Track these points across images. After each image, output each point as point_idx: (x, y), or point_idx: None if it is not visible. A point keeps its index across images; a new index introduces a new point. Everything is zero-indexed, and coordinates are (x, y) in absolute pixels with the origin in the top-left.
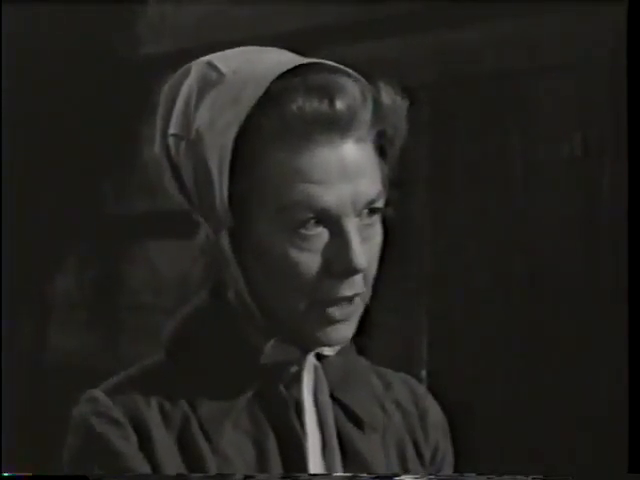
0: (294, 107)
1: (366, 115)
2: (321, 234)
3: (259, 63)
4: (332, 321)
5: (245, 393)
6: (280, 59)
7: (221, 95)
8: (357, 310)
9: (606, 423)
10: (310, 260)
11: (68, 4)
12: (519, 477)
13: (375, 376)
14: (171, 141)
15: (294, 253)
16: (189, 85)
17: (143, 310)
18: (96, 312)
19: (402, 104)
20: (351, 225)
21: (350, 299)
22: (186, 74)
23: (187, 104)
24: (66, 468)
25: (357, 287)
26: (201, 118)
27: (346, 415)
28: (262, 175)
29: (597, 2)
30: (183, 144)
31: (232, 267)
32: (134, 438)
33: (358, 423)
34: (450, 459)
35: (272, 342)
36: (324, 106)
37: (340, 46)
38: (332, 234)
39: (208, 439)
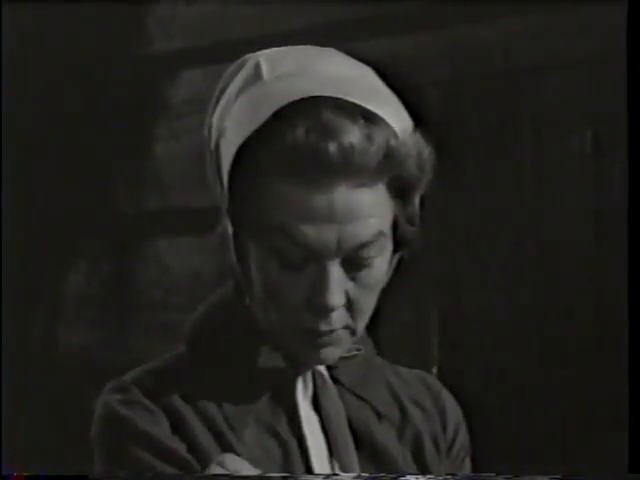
0: (290, 138)
1: (370, 161)
2: (305, 268)
3: (300, 76)
4: (316, 346)
5: (264, 392)
6: (319, 76)
7: (252, 101)
8: (342, 338)
9: (606, 423)
10: (293, 290)
11: (79, 2)
12: (539, 477)
13: (392, 374)
14: (212, 129)
15: (278, 279)
16: (238, 79)
17: (154, 308)
18: (107, 310)
19: (424, 151)
20: (332, 265)
21: (330, 332)
22: (241, 66)
23: (229, 99)
24: (98, 461)
25: (336, 323)
26: (231, 117)
27: (373, 411)
28: (253, 194)
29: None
30: (217, 135)
31: (236, 268)
32: (166, 423)
33: (380, 418)
34: (467, 452)
35: (265, 348)
36: (318, 147)
37: (351, 43)
38: (313, 270)
39: (234, 433)
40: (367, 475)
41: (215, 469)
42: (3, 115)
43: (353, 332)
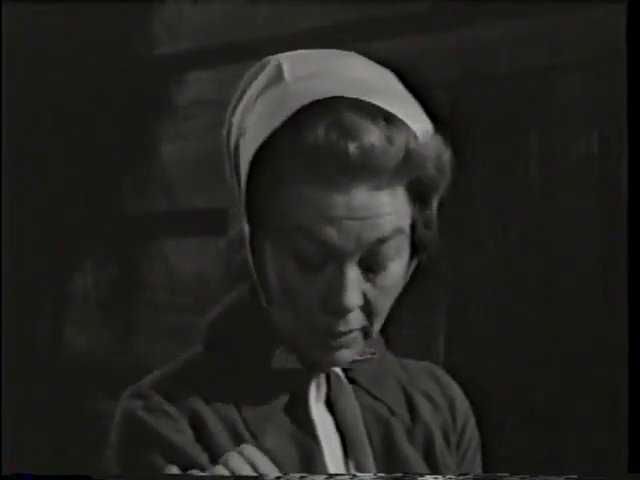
0: (310, 138)
1: (389, 162)
2: (321, 268)
3: (321, 77)
4: (330, 348)
5: (280, 395)
6: (340, 77)
7: (272, 101)
8: (357, 340)
9: (606, 423)
10: (308, 291)
11: (85, 3)
12: (552, 477)
13: (401, 369)
14: (232, 129)
15: (295, 280)
16: (260, 80)
17: (160, 309)
18: (113, 310)
19: (444, 154)
20: (350, 266)
21: (346, 333)
22: (263, 68)
23: (250, 99)
24: (117, 467)
25: (353, 323)
26: (252, 117)
27: (388, 411)
28: (272, 194)
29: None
30: (238, 135)
31: (251, 268)
32: (189, 431)
33: (394, 416)
34: (477, 444)
35: (279, 350)
36: (339, 147)
37: (357, 44)
38: (331, 270)
39: (254, 437)
40: (385, 475)
41: (232, 456)
42: (7, 116)
43: (367, 334)
